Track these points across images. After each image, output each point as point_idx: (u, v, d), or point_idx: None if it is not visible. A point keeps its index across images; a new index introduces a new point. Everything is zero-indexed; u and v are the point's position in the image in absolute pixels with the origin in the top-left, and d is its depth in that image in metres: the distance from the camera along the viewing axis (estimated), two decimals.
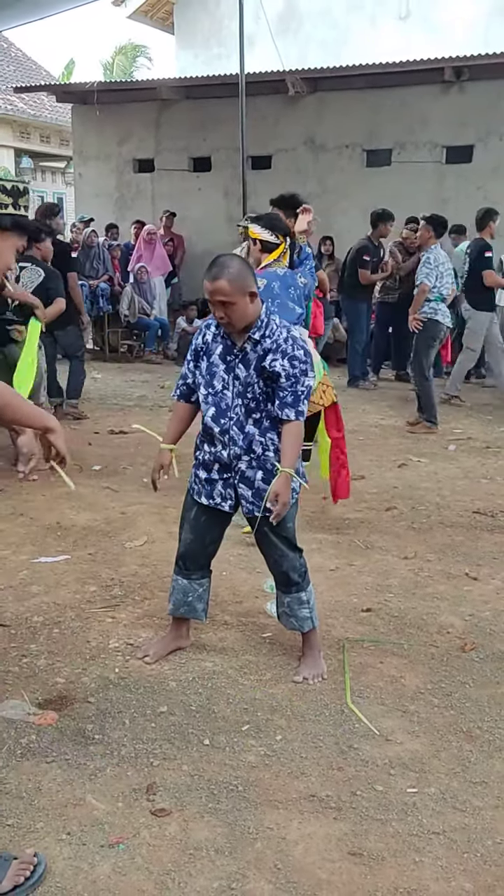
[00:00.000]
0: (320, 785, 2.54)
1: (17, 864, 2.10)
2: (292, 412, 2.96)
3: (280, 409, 2.97)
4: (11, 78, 20.00)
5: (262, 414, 3.01)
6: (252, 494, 3.08)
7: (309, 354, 3.03)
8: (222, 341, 3.04)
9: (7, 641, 3.41)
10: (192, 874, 2.16)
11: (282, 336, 2.97)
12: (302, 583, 3.20)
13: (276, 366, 2.93)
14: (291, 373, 2.94)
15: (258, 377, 2.97)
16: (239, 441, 3.02)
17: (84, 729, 2.80)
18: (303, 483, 3.19)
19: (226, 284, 2.84)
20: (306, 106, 11.76)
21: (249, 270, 2.95)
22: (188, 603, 3.29)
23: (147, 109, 12.68)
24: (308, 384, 2.99)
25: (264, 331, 2.97)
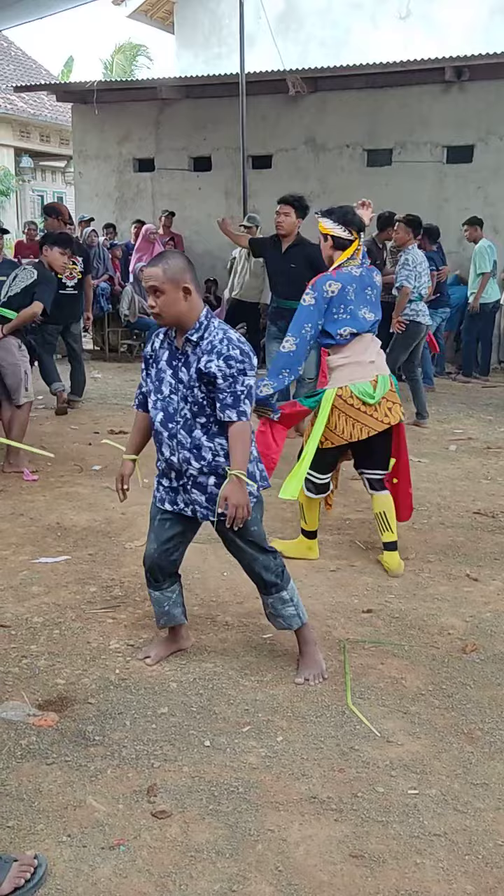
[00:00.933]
0: (321, 786, 2.53)
1: (17, 866, 2.09)
2: (234, 413, 2.92)
3: (221, 411, 2.93)
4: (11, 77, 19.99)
5: (209, 419, 2.98)
6: (206, 500, 3.05)
7: (246, 354, 2.92)
8: (168, 346, 3.06)
9: (7, 642, 3.41)
10: (192, 876, 2.16)
11: (217, 337, 2.94)
12: (280, 582, 3.17)
13: (211, 367, 2.90)
14: (228, 373, 2.90)
15: (198, 381, 2.95)
16: (187, 445, 3.01)
17: (84, 730, 2.80)
18: (261, 486, 3.14)
19: (160, 272, 2.88)
20: (307, 105, 11.74)
21: (189, 268, 2.95)
22: (166, 612, 3.29)
23: (147, 109, 12.66)
24: (248, 384, 2.93)
25: (202, 333, 2.96)
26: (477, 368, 10.15)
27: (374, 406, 4.06)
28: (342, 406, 4.07)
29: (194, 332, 2.96)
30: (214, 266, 11.87)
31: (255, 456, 3.14)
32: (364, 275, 4.14)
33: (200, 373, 2.93)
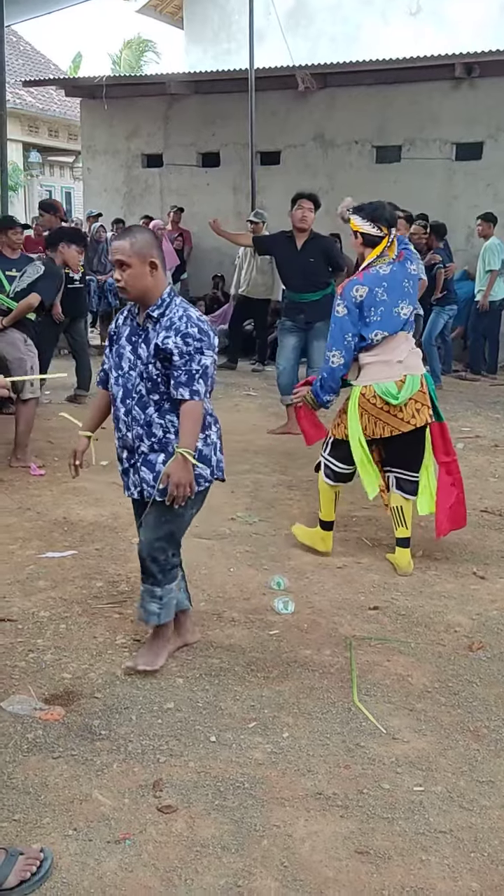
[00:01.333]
0: (327, 783, 2.53)
1: (23, 860, 2.10)
2: (186, 391, 2.90)
3: (175, 388, 2.91)
4: (20, 72, 19.99)
5: (162, 396, 2.97)
6: (153, 478, 3.02)
7: (205, 333, 2.91)
8: (130, 323, 3.06)
9: (14, 636, 3.42)
10: (198, 871, 2.16)
11: (177, 314, 2.94)
12: (159, 578, 3.10)
13: (168, 343, 2.90)
14: (185, 350, 2.89)
15: (154, 357, 2.94)
16: (140, 421, 3.00)
17: (91, 725, 2.80)
18: (216, 475, 3.11)
19: (127, 245, 2.89)
20: (316, 101, 11.72)
21: (156, 243, 2.96)
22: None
23: (156, 104, 12.65)
24: (204, 363, 2.91)
25: (164, 309, 2.96)
26: (485, 366, 10.12)
27: (399, 407, 4.02)
28: (365, 405, 4.07)
29: (156, 308, 2.96)
30: (222, 262, 11.86)
31: (216, 444, 3.11)
32: (396, 270, 4.08)
33: (157, 348, 2.92)
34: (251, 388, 8.89)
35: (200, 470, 3.02)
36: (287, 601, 3.74)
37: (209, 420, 3.09)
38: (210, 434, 3.08)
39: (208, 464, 3.06)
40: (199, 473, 3.01)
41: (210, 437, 3.08)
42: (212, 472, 3.09)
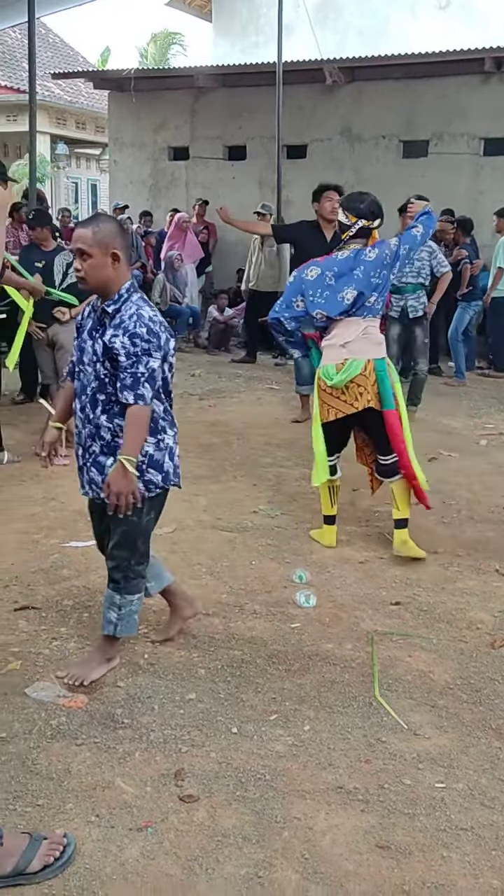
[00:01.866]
0: (348, 777, 2.54)
1: (47, 844, 2.12)
2: (131, 395, 2.77)
3: (120, 391, 2.80)
4: (49, 64, 20.06)
5: (109, 397, 2.87)
6: (102, 480, 2.91)
7: (154, 334, 2.80)
8: (92, 317, 2.97)
9: (38, 624, 3.45)
10: (219, 860, 2.17)
11: (128, 312, 2.82)
12: (120, 584, 2.99)
13: (115, 342, 2.78)
14: (132, 351, 2.77)
15: (103, 356, 2.84)
16: (92, 420, 2.91)
17: (113, 713, 2.82)
18: (172, 482, 3.03)
19: (89, 234, 2.80)
20: (343, 95, 11.67)
21: (120, 233, 2.87)
22: None
23: (183, 97, 12.65)
24: (151, 366, 2.79)
25: (119, 305, 2.85)
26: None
27: (342, 389, 4.15)
28: (318, 389, 4.26)
29: (112, 303, 2.85)
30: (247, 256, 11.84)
31: (170, 449, 3.01)
32: (351, 257, 4.21)
33: (105, 347, 2.83)
34: (273, 382, 8.88)
35: (151, 476, 2.93)
36: (309, 595, 3.74)
37: (163, 424, 2.97)
38: (164, 438, 2.98)
39: (160, 470, 2.96)
40: (149, 479, 2.92)
41: (164, 442, 2.97)
42: (165, 479, 2.98)
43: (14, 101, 19.10)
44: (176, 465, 3.04)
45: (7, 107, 19.34)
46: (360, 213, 4.21)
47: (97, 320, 2.93)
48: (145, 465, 2.92)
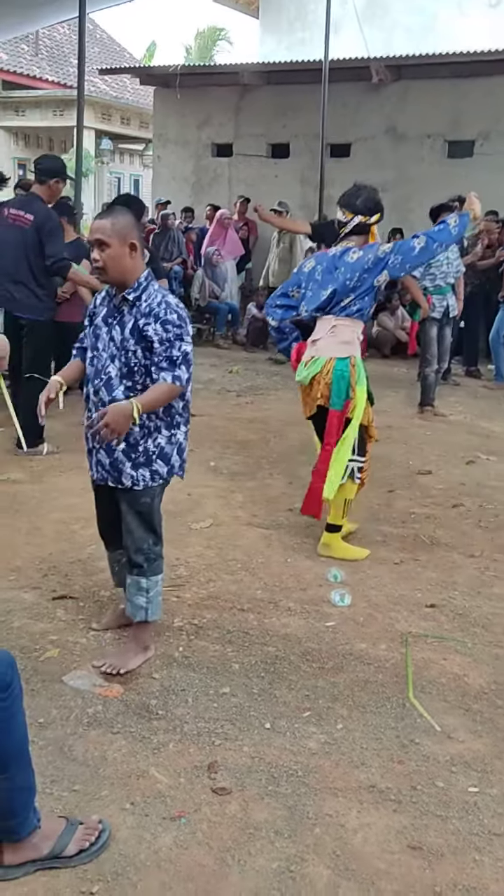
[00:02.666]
0: (380, 776, 2.54)
1: (82, 829, 2.15)
2: (169, 375, 2.86)
3: (157, 372, 2.87)
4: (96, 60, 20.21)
5: (135, 384, 2.93)
6: (109, 464, 3.00)
7: (183, 320, 2.91)
8: (107, 304, 3.03)
9: (75, 613, 3.49)
10: (251, 853, 2.19)
11: (156, 300, 2.91)
12: (145, 567, 3.05)
13: (148, 330, 2.87)
14: (164, 337, 2.86)
15: (135, 344, 2.91)
16: (107, 403, 2.94)
17: (148, 704, 2.86)
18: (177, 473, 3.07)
19: (107, 224, 2.87)
20: (389, 94, 11.61)
21: (137, 225, 2.93)
22: (117, 573, 3.34)
23: (228, 94, 12.68)
24: (184, 349, 2.89)
25: (140, 293, 2.93)
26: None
27: (308, 387, 4.19)
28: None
29: (132, 291, 2.93)
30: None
31: (180, 444, 3.06)
32: (337, 255, 4.19)
33: (140, 335, 2.89)
34: None
35: (157, 467, 3.00)
36: (344, 594, 3.75)
37: (178, 420, 3.03)
38: (176, 433, 3.03)
39: (167, 462, 3.02)
40: (155, 470, 2.99)
41: (175, 437, 3.03)
42: (170, 471, 3.05)
43: (61, 95, 19.30)
44: (183, 460, 3.11)
45: (54, 101, 19.54)
46: (355, 209, 4.18)
47: (113, 308, 3.00)
48: (155, 456, 2.99)
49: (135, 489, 2.99)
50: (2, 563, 3.94)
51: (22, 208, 5.66)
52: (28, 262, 5.53)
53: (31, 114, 20.03)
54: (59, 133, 20.41)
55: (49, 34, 21.08)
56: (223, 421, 6.85)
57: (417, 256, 4.13)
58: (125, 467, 2.97)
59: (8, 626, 3.35)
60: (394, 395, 8.21)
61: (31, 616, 3.45)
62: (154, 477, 3.01)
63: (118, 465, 2.98)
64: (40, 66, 20.72)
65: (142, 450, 2.97)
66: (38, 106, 19.84)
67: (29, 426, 5.69)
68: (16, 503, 4.76)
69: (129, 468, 2.97)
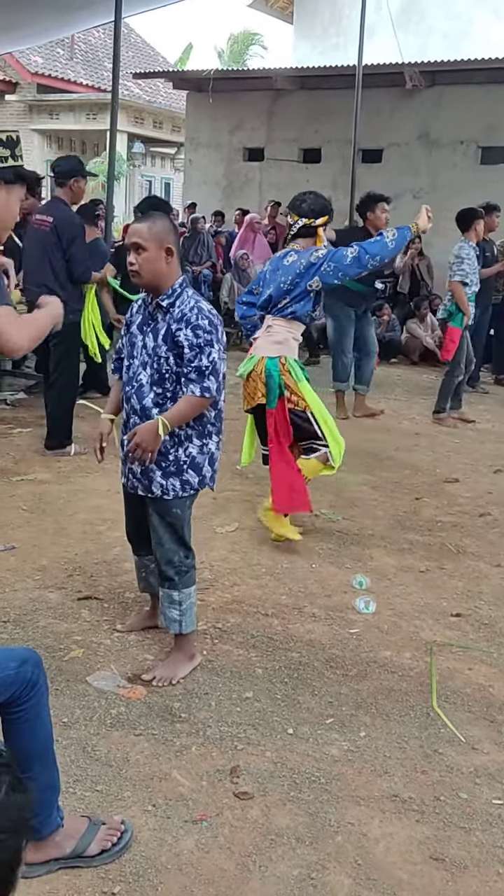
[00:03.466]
0: (403, 786, 2.52)
1: (105, 829, 2.16)
2: (197, 388, 2.85)
3: (185, 385, 2.87)
4: (130, 64, 20.34)
5: (165, 391, 2.92)
6: (140, 472, 2.98)
7: (214, 326, 2.90)
8: (142, 312, 3.03)
9: (100, 614, 3.51)
10: (272, 859, 2.19)
11: (188, 305, 2.90)
12: (176, 581, 3.04)
13: (179, 335, 2.87)
14: (195, 343, 2.85)
15: (167, 350, 2.90)
16: (138, 411, 2.96)
17: (171, 707, 2.86)
18: (208, 484, 3.06)
19: (145, 229, 2.88)
20: (423, 99, 11.57)
21: (173, 231, 2.94)
22: (143, 578, 3.33)
23: (261, 99, 12.70)
24: (213, 358, 2.87)
25: (174, 300, 2.92)
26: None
27: (247, 382, 4.36)
28: None
29: (166, 297, 2.92)
30: None
31: (212, 455, 3.05)
32: (280, 256, 4.40)
33: (173, 341, 2.89)
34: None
35: (188, 477, 2.99)
36: (369, 601, 3.73)
37: (210, 429, 3.02)
38: (208, 443, 3.02)
39: (199, 472, 3.01)
40: (186, 480, 2.99)
41: (207, 447, 3.02)
42: (201, 482, 3.03)
43: (94, 99, 19.44)
44: (214, 471, 3.09)
45: (87, 105, 19.69)
46: (301, 212, 4.31)
47: (148, 315, 3.00)
48: (186, 466, 2.98)
49: (164, 498, 2.99)
50: (28, 563, 3.97)
51: (45, 212, 5.72)
52: (50, 264, 5.57)
53: (64, 117, 20.20)
54: (92, 136, 20.56)
55: (84, 38, 21.25)
56: None
57: (349, 266, 4.27)
58: (155, 476, 2.97)
59: (33, 625, 3.38)
60: (422, 402, 8.17)
61: (56, 616, 3.47)
62: (184, 487, 2.99)
63: (149, 474, 2.98)
64: (75, 69, 20.89)
65: (172, 458, 2.96)
66: (72, 109, 20.00)
67: (57, 427, 5.75)
68: (42, 503, 4.80)
69: (160, 477, 2.97)
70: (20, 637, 3.25)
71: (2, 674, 2.01)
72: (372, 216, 6.85)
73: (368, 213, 6.90)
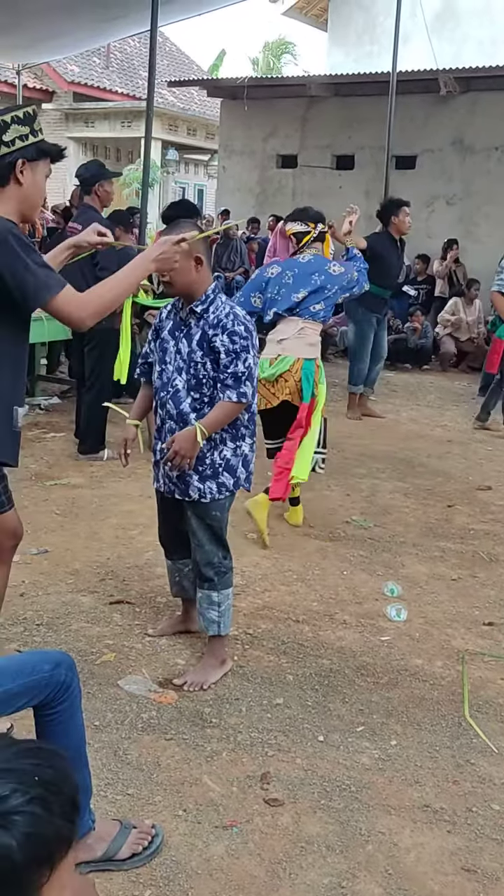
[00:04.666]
0: (435, 796, 2.51)
1: (135, 833, 2.17)
2: (234, 394, 2.88)
3: (221, 391, 2.90)
4: (164, 72, 20.50)
5: (203, 396, 2.94)
6: (176, 476, 3.00)
7: (249, 332, 2.93)
8: (173, 317, 3.04)
9: (132, 618, 3.53)
10: (302, 867, 2.18)
11: (223, 311, 2.92)
12: (216, 581, 3.06)
13: (216, 341, 2.89)
14: (231, 348, 2.87)
15: (203, 356, 2.92)
16: (174, 416, 2.97)
17: (202, 712, 2.87)
18: (242, 486, 3.08)
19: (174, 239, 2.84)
20: (457, 106, 11.51)
21: (202, 240, 2.93)
22: (177, 583, 3.34)
23: (294, 106, 12.73)
24: (249, 363, 2.90)
25: (207, 306, 2.93)
26: None
27: (272, 382, 4.39)
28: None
29: (199, 303, 2.94)
30: None
31: (245, 457, 3.07)
32: (313, 262, 4.49)
33: (209, 347, 2.90)
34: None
35: (224, 479, 3.01)
36: (400, 609, 3.71)
37: (244, 431, 3.04)
38: (241, 445, 3.04)
39: (234, 475, 3.03)
40: (222, 483, 3.00)
41: (241, 449, 3.04)
42: (236, 484, 3.05)
43: (129, 107, 19.61)
44: (249, 472, 3.12)
45: (122, 113, 19.86)
46: (315, 219, 4.60)
47: (180, 321, 3.01)
48: (221, 468, 3.00)
49: (202, 501, 3.01)
50: (61, 567, 4.01)
51: (76, 220, 5.78)
52: (81, 272, 5.61)
53: (99, 125, 20.40)
54: (127, 144, 20.74)
55: (120, 47, 21.46)
56: None
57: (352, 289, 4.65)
58: (192, 480, 2.99)
59: (66, 628, 3.41)
60: (455, 409, 8.12)
61: (88, 619, 3.50)
62: (221, 489, 3.01)
63: (185, 478, 2.99)
64: (110, 78, 21.10)
65: (208, 462, 2.98)
66: (107, 117, 20.19)
67: (90, 432, 5.80)
68: (75, 507, 4.84)
69: (196, 481, 2.99)
70: (53, 640, 3.28)
71: (36, 676, 2.04)
72: (397, 220, 7.05)
73: (393, 217, 7.08)
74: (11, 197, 2.48)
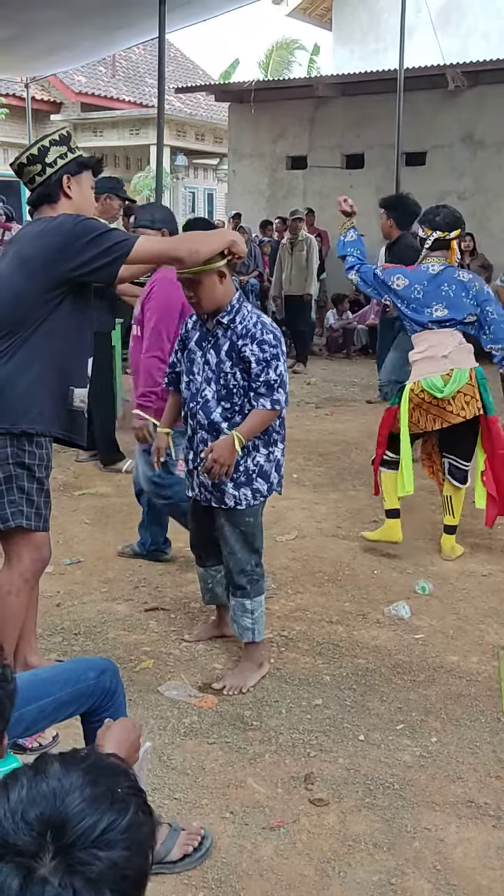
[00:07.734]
0: (478, 791, 2.52)
1: (185, 835, 2.21)
2: (268, 402, 2.91)
3: (255, 400, 2.92)
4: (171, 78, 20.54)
5: (234, 406, 2.96)
6: (211, 485, 3.01)
7: (278, 340, 2.94)
8: (200, 328, 3.06)
9: (167, 625, 3.57)
10: (351, 865, 2.21)
11: (251, 321, 2.94)
12: (248, 589, 3.09)
13: (245, 351, 2.90)
14: (261, 357, 2.89)
15: (233, 366, 2.93)
16: (205, 426, 2.99)
17: (242, 715, 2.90)
18: (275, 490, 3.11)
19: None
20: (465, 101, 11.50)
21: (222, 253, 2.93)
22: (209, 590, 3.36)
23: (302, 107, 12.76)
24: (280, 371, 2.92)
25: (234, 316, 2.95)
26: None
27: (448, 399, 4.15)
28: (415, 399, 4.22)
29: (225, 314, 2.95)
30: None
31: (278, 461, 3.10)
32: (443, 273, 4.21)
33: (240, 357, 2.92)
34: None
35: (258, 485, 3.04)
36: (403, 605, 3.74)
37: (275, 437, 3.07)
38: (274, 451, 3.07)
39: (267, 480, 3.06)
40: (256, 489, 3.03)
41: (273, 454, 3.07)
42: (269, 489, 3.09)
43: (137, 115, 19.69)
44: (280, 476, 3.15)
45: (130, 121, 19.95)
46: (434, 226, 4.26)
47: (207, 332, 3.03)
48: (255, 475, 3.03)
49: (238, 508, 3.04)
50: (95, 576, 4.06)
51: None
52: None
53: (108, 134, 20.49)
54: (135, 151, 20.83)
55: (125, 55, 21.54)
56: (303, 433, 6.88)
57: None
58: (227, 488, 3.01)
59: (103, 636, 3.45)
60: None
61: (124, 627, 3.54)
62: (255, 495, 3.05)
63: (220, 486, 3.02)
64: (117, 86, 21.21)
65: (242, 469, 3.01)
66: (115, 126, 20.29)
67: (103, 440, 5.75)
68: (104, 516, 4.89)
69: (231, 488, 3.02)
70: (91, 649, 3.33)
71: (82, 685, 2.08)
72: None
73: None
74: (65, 210, 2.71)
